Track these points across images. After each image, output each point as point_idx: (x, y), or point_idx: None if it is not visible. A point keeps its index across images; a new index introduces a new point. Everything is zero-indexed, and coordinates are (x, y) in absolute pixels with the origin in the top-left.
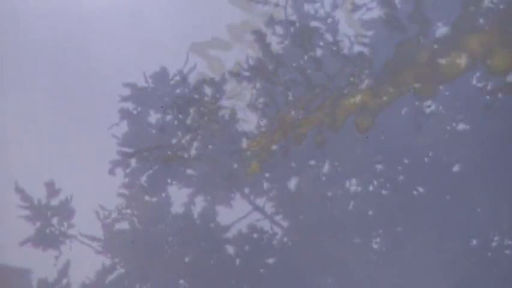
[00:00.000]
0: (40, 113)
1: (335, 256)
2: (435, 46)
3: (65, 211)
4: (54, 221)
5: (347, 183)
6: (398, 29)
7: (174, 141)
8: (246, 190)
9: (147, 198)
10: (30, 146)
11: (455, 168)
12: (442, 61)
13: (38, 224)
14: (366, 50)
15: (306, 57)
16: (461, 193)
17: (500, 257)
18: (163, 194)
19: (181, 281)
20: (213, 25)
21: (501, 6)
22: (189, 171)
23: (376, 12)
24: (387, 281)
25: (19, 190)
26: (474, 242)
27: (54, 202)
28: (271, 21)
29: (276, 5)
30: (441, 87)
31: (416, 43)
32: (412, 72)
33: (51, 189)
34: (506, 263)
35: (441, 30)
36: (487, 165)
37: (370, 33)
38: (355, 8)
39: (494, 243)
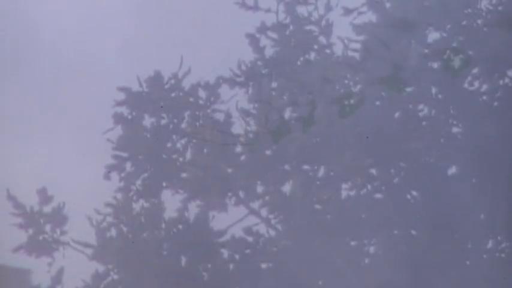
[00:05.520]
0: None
1: (328, 260)
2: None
3: (58, 218)
4: (47, 228)
5: (340, 187)
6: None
7: (168, 145)
8: (241, 194)
9: (139, 203)
10: (21, 148)
11: (451, 171)
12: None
13: (31, 231)
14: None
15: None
16: (456, 196)
17: (496, 259)
18: (156, 200)
19: None
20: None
21: (499, 8)
22: (184, 175)
23: (368, 17)
24: (381, 284)
25: (11, 198)
26: (469, 245)
27: (47, 209)
28: (263, 27)
29: (268, 10)
30: (433, 90)
31: None
32: None
33: (44, 196)
34: (503, 266)
35: (432, 35)
36: (483, 167)
37: (361, 37)
38: (346, 12)
39: (489, 246)
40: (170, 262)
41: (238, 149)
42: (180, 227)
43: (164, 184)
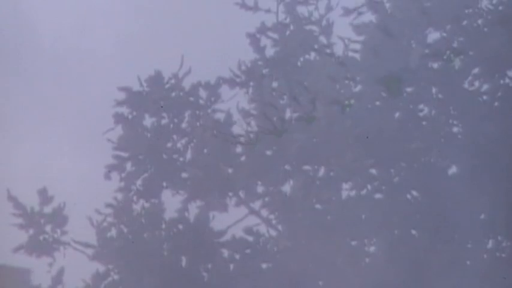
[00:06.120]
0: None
1: (328, 260)
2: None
3: (58, 218)
4: (48, 228)
5: (340, 187)
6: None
7: (169, 145)
8: (242, 194)
9: (140, 203)
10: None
11: (451, 171)
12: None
13: (31, 231)
14: (357, 56)
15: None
16: (456, 196)
17: (496, 259)
18: (157, 200)
19: None
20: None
21: (500, 8)
22: (184, 175)
23: (368, 17)
24: (381, 284)
25: (11, 198)
26: (469, 245)
27: (47, 209)
28: (263, 27)
29: (268, 11)
30: (433, 90)
31: None
32: None
33: (44, 196)
34: (503, 266)
35: (432, 35)
36: (483, 167)
37: (361, 38)
38: (347, 12)
39: (489, 246)
40: (170, 262)
41: (239, 149)
42: (181, 227)
43: (164, 184)
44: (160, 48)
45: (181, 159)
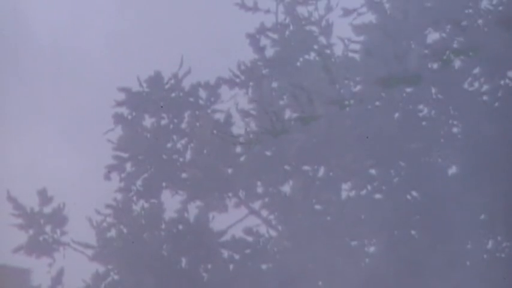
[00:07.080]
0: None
1: (328, 260)
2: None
3: (58, 219)
4: (47, 228)
5: (340, 188)
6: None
7: (169, 145)
8: (242, 194)
9: (139, 204)
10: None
11: (451, 171)
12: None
13: (31, 231)
14: (357, 56)
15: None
16: (456, 196)
17: (496, 259)
18: (156, 200)
19: None
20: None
21: (500, 8)
22: (184, 175)
23: (368, 18)
24: (381, 284)
25: (11, 199)
26: (469, 245)
27: (47, 210)
28: (262, 28)
29: (267, 11)
30: (433, 90)
31: None
32: None
33: (44, 197)
34: (503, 266)
35: (432, 36)
36: (483, 167)
37: (361, 38)
38: (346, 12)
39: (489, 246)
40: (170, 263)
41: (238, 149)
42: (180, 227)
43: (164, 184)
44: (160, 49)
45: (181, 159)
